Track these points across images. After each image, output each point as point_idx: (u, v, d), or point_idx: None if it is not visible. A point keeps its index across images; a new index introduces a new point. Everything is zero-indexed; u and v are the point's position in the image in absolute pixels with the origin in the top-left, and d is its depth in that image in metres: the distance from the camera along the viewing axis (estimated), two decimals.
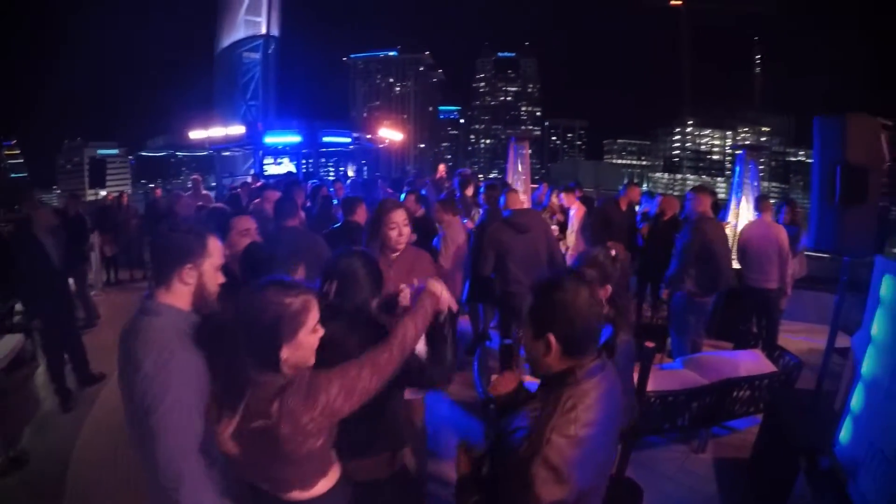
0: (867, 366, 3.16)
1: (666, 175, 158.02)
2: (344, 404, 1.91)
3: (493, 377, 2.19)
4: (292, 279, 2.01)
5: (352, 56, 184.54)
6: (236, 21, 18.24)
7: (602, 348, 2.23)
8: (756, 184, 8.58)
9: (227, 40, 18.87)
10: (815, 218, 3.95)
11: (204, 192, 11.89)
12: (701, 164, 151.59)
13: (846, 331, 4.50)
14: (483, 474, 1.96)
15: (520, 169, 10.14)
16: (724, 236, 6.18)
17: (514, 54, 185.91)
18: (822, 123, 3.84)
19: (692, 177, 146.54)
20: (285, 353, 1.85)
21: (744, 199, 8.56)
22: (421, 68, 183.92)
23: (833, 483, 3.19)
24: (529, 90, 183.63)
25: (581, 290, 1.78)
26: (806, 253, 7.47)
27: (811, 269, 7.93)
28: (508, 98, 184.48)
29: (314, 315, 1.93)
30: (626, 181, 8.27)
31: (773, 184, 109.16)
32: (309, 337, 1.91)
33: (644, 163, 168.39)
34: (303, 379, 1.89)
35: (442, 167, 13.30)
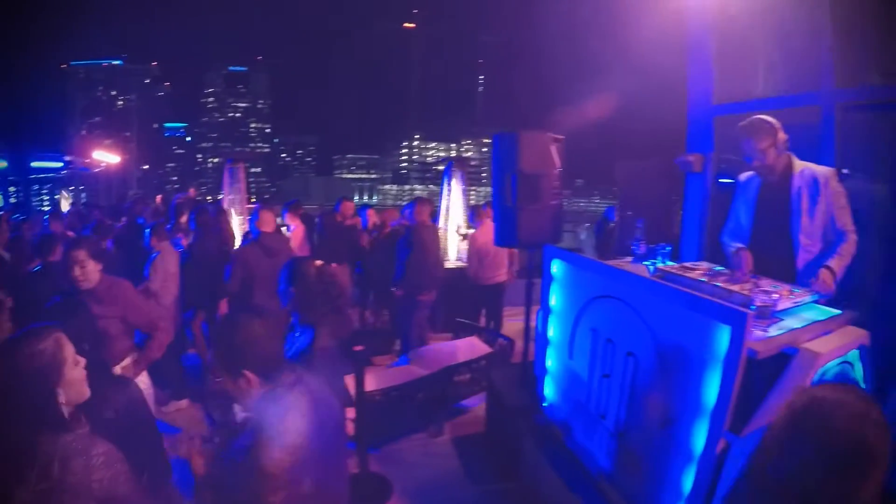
0: (551, 333, 3.80)
1: (395, 187, 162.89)
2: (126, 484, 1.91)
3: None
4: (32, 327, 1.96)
5: (72, 64, 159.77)
6: None
7: (299, 358, 2.54)
8: (463, 188, 9.46)
9: None
10: (497, 219, 4.62)
11: None
12: (428, 175, 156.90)
13: None
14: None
15: (236, 190, 10.08)
16: (438, 240, 6.89)
17: (245, 68, 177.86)
18: (500, 139, 4.51)
19: (420, 187, 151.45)
20: (62, 396, 1.84)
21: (452, 204, 9.37)
22: (147, 80, 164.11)
23: (549, 436, 3.78)
24: (259, 106, 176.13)
25: (253, 323, 2.08)
26: None
27: (534, 260, 8.99)
28: (238, 114, 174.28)
29: (69, 347, 1.91)
30: (340, 197, 8.56)
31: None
32: (74, 371, 1.91)
33: (374, 176, 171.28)
34: (88, 441, 1.87)
35: (192, 192, 13.02)
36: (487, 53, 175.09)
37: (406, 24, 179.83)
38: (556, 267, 3.72)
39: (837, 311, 2.96)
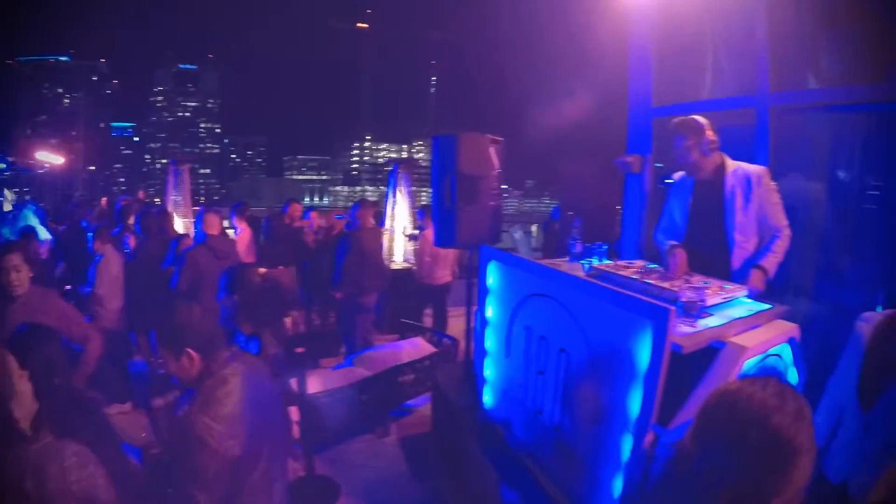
0: (488, 344, 3.85)
1: (346, 188, 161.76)
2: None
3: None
4: None
5: (19, 60, 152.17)
6: None
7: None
8: (409, 190, 9.47)
9: None
10: (436, 220, 4.67)
11: None
12: (379, 176, 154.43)
13: None
14: None
15: (180, 192, 9.89)
16: (379, 243, 6.94)
17: (195, 67, 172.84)
18: (439, 141, 4.55)
19: (371, 188, 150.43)
20: (17, 411, 1.84)
21: (398, 206, 9.36)
22: (94, 78, 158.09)
23: (490, 433, 3.82)
24: (210, 105, 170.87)
25: (192, 307, 2.35)
26: None
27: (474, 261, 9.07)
28: (187, 114, 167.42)
29: (11, 358, 1.92)
30: (288, 199, 8.54)
31: None
32: (21, 382, 1.91)
33: (325, 177, 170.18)
34: (58, 446, 1.87)
35: (141, 194, 13.19)
36: (440, 54, 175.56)
37: (359, 24, 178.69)
38: (492, 278, 3.77)
39: (768, 306, 3.05)
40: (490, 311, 3.81)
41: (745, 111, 4.71)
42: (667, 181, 5.33)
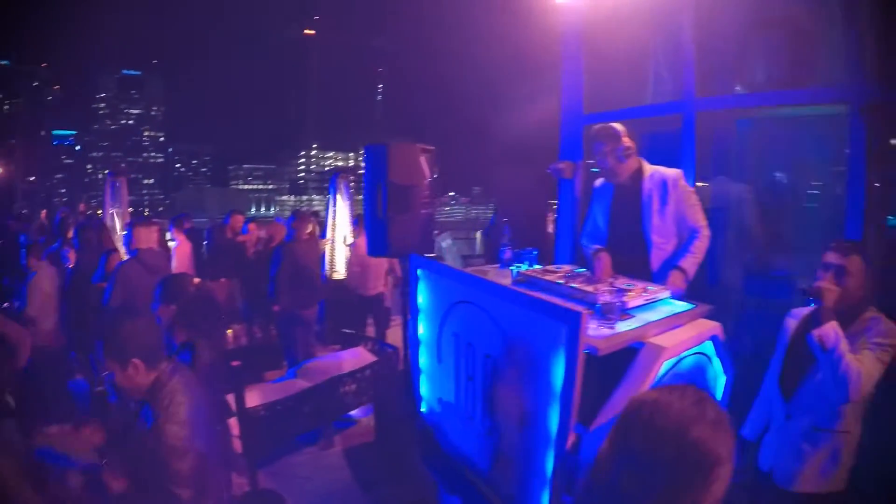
0: (422, 353, 3.89)
1: (293, 197, 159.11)
2: None
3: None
4: None
5: None
6: None
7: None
8: (349, 202, 9.42)
9: None
10: (368, 229, 4.72)
11: None
12: (325, 185, 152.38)
13: None
14: None
15: (117, 204, 9.66)
16: (316, 254, 7.00)
17: (139, 72, 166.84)
18: (370, 150, 4.60)
19: (318, 197, 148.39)
20: None
21: (339, 215, 9.29)
22: (35, 83, 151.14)
23: (428, 439, 3.87)
24: (153, 113, 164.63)
25: (135, 318, 2.45)
26: None
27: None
28: (130, 121, 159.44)
29: None
30: (230, 210, 8.49)
31: None
32: None
33: (271, 187, 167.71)
34: None
35: (82, 206, 13.40)
36: (387, 62, 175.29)
37: (306, 31, 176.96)
38: (422, 287, 3.80)
39: (691, 306, 3.14)
40: (421, 328, 3.85)
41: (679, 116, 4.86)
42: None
